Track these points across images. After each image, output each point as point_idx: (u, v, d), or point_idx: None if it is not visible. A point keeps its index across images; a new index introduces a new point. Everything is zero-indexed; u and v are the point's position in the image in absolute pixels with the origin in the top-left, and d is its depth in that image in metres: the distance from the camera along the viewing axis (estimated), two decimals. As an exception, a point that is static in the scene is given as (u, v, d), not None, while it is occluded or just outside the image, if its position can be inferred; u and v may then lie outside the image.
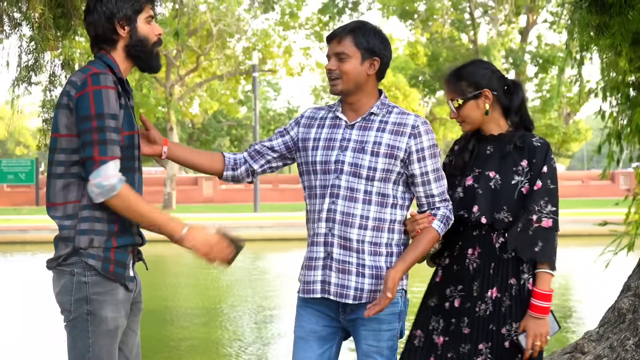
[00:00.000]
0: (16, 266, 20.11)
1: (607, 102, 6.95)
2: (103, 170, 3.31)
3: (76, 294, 3.41)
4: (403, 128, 3.85)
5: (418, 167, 3.85)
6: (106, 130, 3.33)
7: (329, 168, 3.85)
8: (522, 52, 39.44)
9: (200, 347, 10.08)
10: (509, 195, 3.94)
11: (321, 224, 3.84)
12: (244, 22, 41.62)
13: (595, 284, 15.48)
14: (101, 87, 3.34)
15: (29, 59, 6.49)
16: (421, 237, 3.84)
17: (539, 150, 3.99)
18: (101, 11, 3.50)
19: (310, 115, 4.06)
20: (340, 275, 3.82)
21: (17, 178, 43.43)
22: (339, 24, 44.04)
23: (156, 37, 3.63)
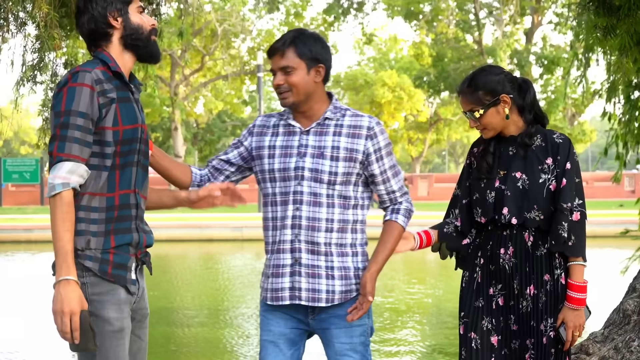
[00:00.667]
0: (21, 265, 20.12)
1: (611, 104, 6.94)
2: (57, 168, 3.24)
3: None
4: (359, 130, 3.88)
5: (377, 166, 3.91)
6: (70, 127, 3.25)
7: (288, 175, 3.86)
8: (527, 53, 39.40)
9: (203, 348, 10.08)
10: (538, 194, 3.99)
11: (286, 230, 3.86)
12: (249, 22, 41.68)
13: (600, 285, 15.47)
14: (77, 84, 3.29)
15: (34, 58, 6.49)
16: (388, 234, 3.95)
17: (562, 147, 4.04)
18: (92, 8, 3.48)
19: (261, 123, 4.04)
20: (311, 280, 3.85)
21: (21, 177, 43.54)
22: (344, 25, 44.07)
23: (150, 26, 3.57)
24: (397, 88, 51.49)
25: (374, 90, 51.59)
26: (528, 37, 40.84)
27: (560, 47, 39.66)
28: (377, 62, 59.61)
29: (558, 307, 3.98)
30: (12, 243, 24.73)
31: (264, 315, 4.00)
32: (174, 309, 13.17)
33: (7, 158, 46.48)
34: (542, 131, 4.10)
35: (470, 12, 41.59)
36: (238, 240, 24.95)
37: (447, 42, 42.31)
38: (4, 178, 43.45)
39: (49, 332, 11.03)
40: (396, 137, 57.22)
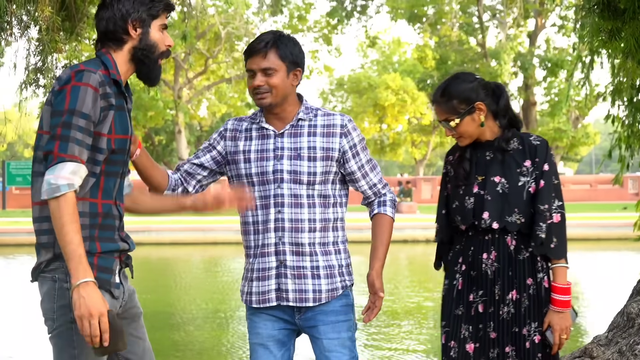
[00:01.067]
0: (25, 268, 20.14)
1: (615, 106, 6.94)
2: (58, 169, 3.11)
3: (59, 301, 3.24)
4: (333, 129, 3.91)
5: (354, 162, 3.95)
6: (72, 127, 3.15)
7: (267, 179, 3.87)
8: (531, 55, 39.39)
9: (205, 350, 10.08)
10: (518, 197, 3.97)
11: (269, 234, 3.88)
12: (253, 25, 41.69)
13: (603, 288, 15.45)
14: (82, 84, 3.19)
15: (37, 62, 6.50)
16: (382, 228, 4.00)
17: (540, 149, 4.03)
18: (117, 8, 3.40)
19: (233, 127, 4.03)
20: (297, 281, 3.88)
21: (25, 180, 43.52)
22: (348, 28, 43.98)
23: (165, 47, 3.51)
24: (401, 91, 51.47)
25: (378, 93, 51.59)
26: (532, 39, 40.83)
27: (564, 49, 39.65)
28: (381, 65, 59.60)
29: (542, 310, 3.96)
30: (15, 246, 24.74)
31: (251, 319, 4.01)
32: (177, 311, 13.17)
33: (11, 161, 46.49)
34: (518, 134, 4.10)
35: (473, 15, 41.60)
36: (240, 243, 24.93)
37: (451, 45, 42.31)
38: (8, 181, 43.47)
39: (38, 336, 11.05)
40: (400, 140, 57.21)
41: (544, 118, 41.54)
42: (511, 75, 39.07)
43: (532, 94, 40.77)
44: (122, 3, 3.41)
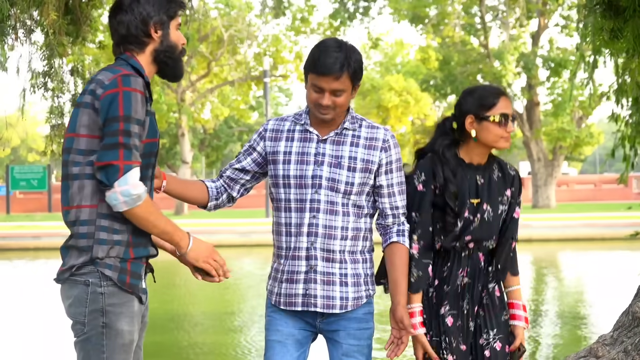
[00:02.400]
0: (30, 273, 20.15)
1: (620, 106, 6.94)
2: (130, 178, 3.18)
3: (91, 305, 3.26)
4: (375, 142, 3.92)
5: (385, 178, 3.96)
6: (131, 135, 3.20)
7: (305, 182, 3.88)
8: (534, 56, 39.35)
9: (209, 353, 10.08)
10: (497, 224, 4.10)
11: (302, 237, 3.89)
12: (255, 28, 41.69)
13: (608, 288, 15.43)
14: (131, 89, 3.23)
15: (43, 66, 6.50)
16: (403, 261, 3.96)
17: (516, 180, 4.17)
18: (137, 12, 3.42)
19: (274, 127, 4.01)
20: (325, 287, 3.89)
21: (29, 185, 43.59)
22: (350, 29, 43.86)
23: (182, 46, 3.56)
24: (404, 92, 51.43)
25: (381, 95, 51.55)
26: (534, 40, 40.78)
27: (567, 49, 39.59)
28: (384, 67, 59.59)
29: (499, 319, 4.09)
30: (20, 250, 24.76)
31: (272, 316, 4.01)
32: (181, 314, 13.17)
33: (15, 165, 46.55)
34: (494, 159, 4.18)
35: (476, 16, 41.54)
36: (246, 245, 24.94)
37: (454, 46, 42.25)
38: (12, 185, 43.52)
39: (61, 339, 11.04)
40: (403, 141, 57.16)
41: (548, 118, 41.45)
42: (515, 75, 39.01)
43: (535, 94, 40.71)
44: (142, 6, 3.43)
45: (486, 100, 4.05)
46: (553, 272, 19.11)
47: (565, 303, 13.89)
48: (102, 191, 3.27)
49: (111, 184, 3.18)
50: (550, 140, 40.43)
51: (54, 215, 40.33)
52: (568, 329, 11.42)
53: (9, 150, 69.02)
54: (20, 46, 6.38)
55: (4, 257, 23.31)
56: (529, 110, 40.64)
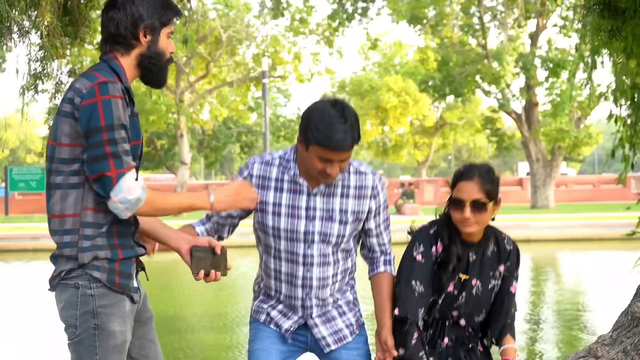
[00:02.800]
0: (28, 274, 20.15)
1: (618, 106, 6.94)
2: (124, 184, 3.18)
3: (82, 308, 3.27)
4: (364, 191, 3.93)
5: (374, 222, 4.00)
6: (118, 142, 3.18)
7: (297, 237, 3.86)
8: (533, 56, 39.37)
9: (208, 354, 10.07)
10: (488, 299, 4.10)
11: (297, 289, 3.92)
12: (254, 29, 41.71)
13: (607, 288, 15.44)
14: (110, 96, 3.18)
15: (37, 67, 6.50)
16: (386, 286, 4.01)
17: (512, 254, 4.13)
18: (129, 12, 3.36)
19: (260, 174, 3.91)
20: (328, 325, 3.97)
21: (28, 186, 43.53)
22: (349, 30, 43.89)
23: (169, 54, 3.49)
24: (403, 93, 51.47)
25: (380, 96, 51.60)
26: (533, 40, 40.79)
27: (566, 50, 39.61)
28: (382, 67, 59.61)
29: None
30: (18, 252, 24.75)
31: (258, 328, 4.03)
32: (181, 316, 13.16)
33: (14, 167, 46.54)
34: (492, 233, 4.14)
35: (474, 16, 41.54)
36: (245, 246, 24.94)
37: (452, 47, 42.27)
38: (11, 187, 43.50)
39: (59, 340, 11.04)
40: (402, 142, 57.21)
41: (546, 118, 41.45)
42: (513, 76, 39.02)
43: (534, 94, 40.72)
44: (136, 7, 3.38)
45: (453, 179, 4.05)
46: (552, 272, 19.12)
47: (564, 303, 13.89)
48: (88, 200, 3.27)
49: (108, 195, 3.18)
50: (549, 140, 40.45)
51: (52, 216, 40.30)
52: (567, 329, 11.42)
53: (7, 151, 69.02)
54: (15, 47, 6.38)
55: (3, 258, 23.30)
56: (528, 111, 40.66)
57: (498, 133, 45.45)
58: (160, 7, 3.43)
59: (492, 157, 67.05)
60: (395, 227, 4.34)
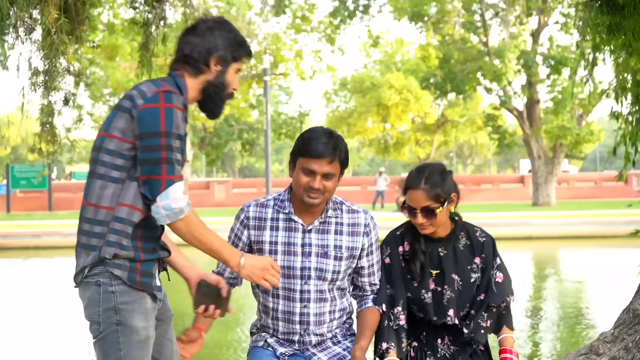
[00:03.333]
0: (30, 271, 20.14)
1: (620, 103, 6.93)
2: (172, 192, 3.27)
3: (104, 304, 3.35)
4: (357, 228, 4.07)
5: (367, 260, 4.12)
6: (173, 149, 3.28)
7: (294, 273, 3.99)
8: (534, 53, 39.33)
9: (210, 352, 10.08)
10: (470, 292, 4.16)
11: (294, 325, 4.02)
12: (255, 26, 41.69)
13: (609, 285, 15.43)
14: (173, 105, 3.30)
15: (45, 64, 6.50)
16: (374, 319, 4.09)
17: (486, 245, 4.20)
18: (207, 40, 3.52)
19: (255, 215, 4.08)
20: (326, 351, 4.05)
21: (29, 183, 43.58)
22: (350, 27, 43.91)
23: (232, 90, 3.64)
24: (404, 90, 51.45)
25: (381, 93, 51.58)
26: (534, 37, 40.74)
27: (567, 47, 39.57)
28: (384, 65, 59.58)
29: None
30: (20, 249, 24.76)
31: (256, 350, 4.14)
32: (181, 313, 13.16)
33: (15, 164, 46.56)
34: (464, 228, 4.23)
35: (476, 13, 41.51)
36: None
37: (454, 44, 42.24)
38: (12, 184, 43.53)
39: (60, 336, 11.05)
40: (403, 139, 57.18)
41: (548, 116, 41.41)
42: (515, 73, 38.99)
43: (535, 91, 40.69)
44: (214, 37, 3.53)
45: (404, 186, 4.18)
46: (553, 269, 19.11)
47: (566, 301, 13.89)
48: (125, 196, 3.35)
49: (154, 198, 3.28)
50: (551, 138, 40.42)
51: (54, 214, 40.34)
52: (568, 326, 11.42)
53: (9, 149, 69.02)
54: (21, 45, 6.38)
55: (4, 255, 23.30)
56: (529, 108, 40.63)
57: (499, 130, 45.39)
58: (235, 43, 3.60)
59: (493, 154, 67.01)
60: (396, 225, 4.36)
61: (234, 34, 3.60)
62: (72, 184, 51.95)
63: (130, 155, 3.34)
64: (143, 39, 7.38)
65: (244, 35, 15.09)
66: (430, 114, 54.53)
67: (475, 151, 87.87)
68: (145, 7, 7.31)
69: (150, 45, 7.32)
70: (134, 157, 3.34)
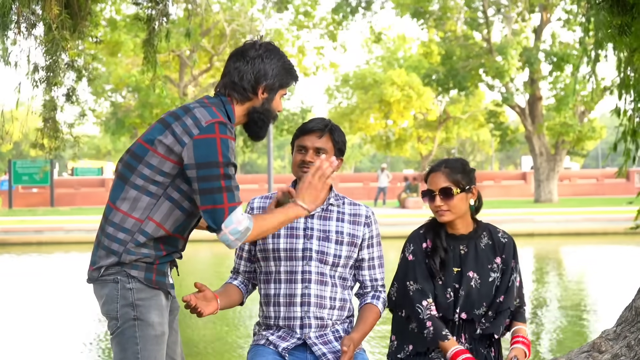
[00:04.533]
0: (32, 267, 20.17)
1: (623, 100, 6.93)
2: (234, 217, 3.38)
3: (122, 301, 3.45)
4: (358, 218, 4.20)
5: (367, 252, 4.22)
6: (231, 178, 3.39)
7: (296, 255, 4.10)
8: (537, 50, 39.32)
9: (210, 347, 10.09)
10: (488, 292, 4.20)
11: (296, 308, 4.09)
12: (258, 22, 41.69)
13: (611, 282, 15.44)
14: (227, 137, 3.40)
15: (46, 60, 6.50)
16: (370, 315, 4.18)
17: (507, 246, 4.27)
18: (256, 68, 3.59)
19: (260, 205, 4.26)
20: (327, 345, 4.08)
21: (31, 179, 43.61)
22: (352, 24, 44.03)
23: (277, 112, 3.70)
24: (406, 87, 51.41)
25: (383, 89, 51.55)
26: (537, 34, 40.73)
27: (570, 44, 39.56)
28: (386, 61, 59.55)
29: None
30: (22, 245, 24.79)
31: (257, 349, 4.16)
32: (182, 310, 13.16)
33: (17, 160, 46.59)
34: (487, 228, 4.31)
35: (478, 10, 41.51)
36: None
37: (456, 40, 42.24)
38: (14, 180, 43.56)
39: (62, 331, 11.06)
40: (405, 136, 57.17)
41: (550, 112, 41.39)
42: (517, 70, 38.98)
43: (537, 88, 40.68)
44: (263, 65, 3.61)
45: (426, 174, 4.32)
46: (555, 266, 19.12)
47: (568, 298, 13.89)
48: (156, 213, 3.47)
49: (219, 227, 3.40)
50: (553, 134, 40.42)
51: (56, 209, 40.37)
52: (570, 324, 11.43)
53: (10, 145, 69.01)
54: (24, 40, 6.37)
55: (6, 251, 23.34)
56: (532, 105, 40.63)
57: (502, 127, 45.38)
58: (284, 71, 3.66)
59: (495, 151, 67.05)
60: (398, 221, 4.41)
61: (282, 62, 3.66)
62: (74, 179, 52.00)
63: (171, 174, 3.44)
64: (146, 35, 7.38)
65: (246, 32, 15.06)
66: (432, 110, 54.50)
67: (477, 148, 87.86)
68: (148, 3, 7.31)
69: (154, 42, 7.32)
70: (174, 176, 3.44)
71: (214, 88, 3.71)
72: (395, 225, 23.87)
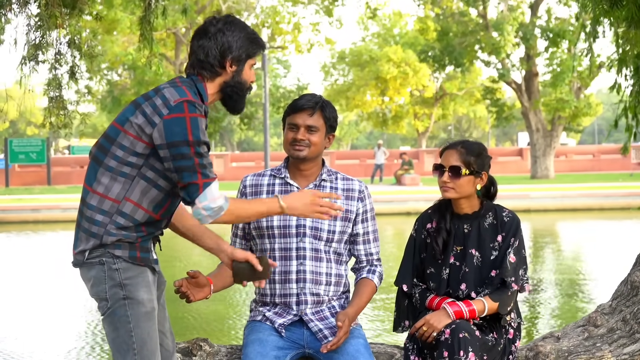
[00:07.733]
0: (29, 245, 20.19)
1: (621, 76, 6.92)
2: (209, 193, 3.39)
3: (110, 282, 3.47)
4: (352, 193, 4.23)
5: (362, 227, 4.24)
6: (203, 155, 3.40)
7: (289, 232, 4.13)
8: (532, 26, 39.23)
9: (211, 322, 10.11)
10: (489, 270, 4.23)
11: (291, 285, 4.12)
12: (253, 0, 41.52)
13: (607, 257, 15.48)
14: (197, 115, 3.40)
15: (36, 37, 6.47)
16: (365, 289, 4.21)
17: (508, 224, 4.29)
18: (220, 42, 3.58)
19: (252, 183, 4.29)
20: (324, 322, 4.11)
21: (28, 158, 43.56)
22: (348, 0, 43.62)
23: (250, 83, 3.70)
24: (402, 63, 51.30)
25: (379, 66, 51.44)
26: (533, 10, 40.63)
27: (565, 20, 39.46)
28: (382, 38, 59.39)
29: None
30: (19, 223, 24.80)
31: (254, 325, 4.18)
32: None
33: (14, 139, 46.52)
34: (493, 208, 4.35)
35: (474, -14, 41.38)
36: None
37: (452, 17, 42.12)
38: (11, 159, 43.52)
39: (60, 310, 11.08)
40: (402, 113, 57.11)
41: (546, 89, 41.36)
42: (513, 46, 38.91)
43: (534, 64, 40.64)
44: (226, 38, 3.60)
45: (442, 148, 4.39)
46: (551, 242, 19.16)
47: (564, 273, 13.93)
48: (132, 193, 3.46)
49: (193, 201, 3.41)
50: (549, 110, 40.40)
51: (52, 188, 40.34)
52: (567, 298, 11.46)
53: (7, 123, 68.97)
54: (15, 18, 6.35)
55: (3, 230, 23.34)
56: (528, 81, 40.59)
57: (498, 103, 45.34)
58: (248, 41, 3.64)
59: (492, 127, 67.01)
60: (394, 198, 4.44)
61: (245, 32, 3.65)
62: (70, 158, 51.93)
63: (144, 155, 3.44)
64: (142, 13, 7.34)
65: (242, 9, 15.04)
66: (428, 87, 54.43)
67: (474, 124, 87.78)
68: (144, -21, 7.27)
69: (150, 19, 7.28)
70: (147, 156, 3.44)
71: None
72: (391, 202, 23.93)
